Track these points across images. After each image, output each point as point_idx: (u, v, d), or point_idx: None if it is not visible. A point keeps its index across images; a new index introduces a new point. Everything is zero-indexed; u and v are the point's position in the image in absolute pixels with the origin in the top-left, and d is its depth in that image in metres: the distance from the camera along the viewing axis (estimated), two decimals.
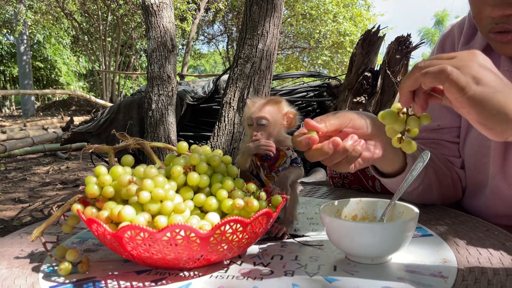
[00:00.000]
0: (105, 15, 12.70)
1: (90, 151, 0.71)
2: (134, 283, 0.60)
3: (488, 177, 0.92)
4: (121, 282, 0.60)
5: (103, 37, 12.94)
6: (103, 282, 0.61)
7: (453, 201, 1.03)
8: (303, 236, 0.78)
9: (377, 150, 0.72)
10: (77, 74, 18.71)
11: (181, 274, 0.62)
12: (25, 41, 13.00)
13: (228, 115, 2.21)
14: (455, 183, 0.99)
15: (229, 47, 15.01)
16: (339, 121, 0.68)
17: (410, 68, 2.85)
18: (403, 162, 0.83)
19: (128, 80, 16.33)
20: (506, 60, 0.86)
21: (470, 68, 0.54)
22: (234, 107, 2.20)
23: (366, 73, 2.78)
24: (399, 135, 0.62)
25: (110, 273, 0.64)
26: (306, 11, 12.26)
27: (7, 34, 15.90)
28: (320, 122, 0.66)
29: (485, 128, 0.56)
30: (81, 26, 14.27)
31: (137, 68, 17.49)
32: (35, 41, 16.00)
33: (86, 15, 13.75)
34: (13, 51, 16.09)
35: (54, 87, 17.00)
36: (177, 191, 0.66)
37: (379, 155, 0.72)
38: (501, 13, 0.74)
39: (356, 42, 2.92)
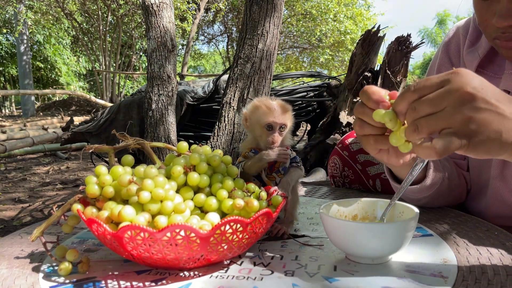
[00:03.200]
0: (105, 15, 12.69)
1: (90, 151, 0.71)
2: (134, 283, 0.60)
3: (489, 178, 0.93)
4: (121, 282, 0.60)
5: (103, 37, 12.94)
6: (103, 282, 0.61)
7: (457, 203, 1.04)
8: (303, 236, 0.78)
9: None
10: (77, 74, 18.70)
11: (181, 274, 0.63)
12: (25, 41, 13.01)
13: (228, 115, 2.21)
14: (463, 190, 1.00)
15: (229, 47, 15.01)
16: None
17: (410, 68, 2.85)
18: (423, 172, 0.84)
19: (128, 80, 16.33)
20: (510, 63, 0.87)
21: (463, 119, 0.51)
22: (234, 107, 2.20)
23: (366, 73, 2.78)
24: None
25: (110, 273, 0.64)
26: (307, 10, 12.26)
27: (7, 34, 15.90)
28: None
29: (488, 157, 0.55)
30: (81, 26, 14.27)
31: (137, 68, 17.49)
32: (35, 41, 16.00)
33: (86, 15, 13.75)
34: (13, 51, 16.09)
35: (54, 87, 17.01)
36: (177, 191, 0.66)
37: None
38: (506, 23, 0.74)
39: (356, 41, 2.92)
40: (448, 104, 0.51)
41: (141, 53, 16.51)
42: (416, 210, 0.66)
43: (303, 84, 3.59)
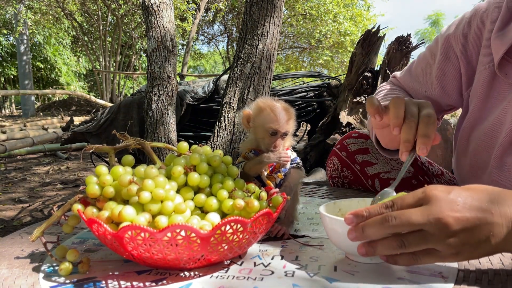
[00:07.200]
0: (105, 15, 12.69)
1: (90, 151, 0.71)
2: (134, 283, 0.60)
3: (488, 164, 0.92)
4: (122, 282, 0.60)
5: (103, 37, 12.93)
6: (103, 282, 0.61)
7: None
8: (303, 236, 0.78)
9: None
10: (77, 74, 18.70)
11: (182, 274, 0.63)
12: (25, 42, 13.00)
13: (228, 115, 2.21)
14: None
15: (229, 47, 15.01)
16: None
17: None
18: None
19: (128, 80, 16.33)
20: None
21: (445, 245, 0.55)
22: (234, 107, 2.20)
23: (366, 73, 2.78)
24: None
25: (110, 273, 0.64)
26: (307, 11, 12.26)
27: (7, 35, 15.89)
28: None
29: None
30: (81, 26, 14.26)
31: (137, 68, 17.48)
32: (35, 41, 15.98)
33: (86, 15, 13.74)
34: (13, 51, 16.08)
35: (54, 87, 16.99)
36: (178, 191, 0.66)
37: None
38: None
39: (356, 42, 2.92)
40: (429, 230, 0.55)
41: (141, 53, 16.50)
42: None
43: (303, 84, 3.59)
